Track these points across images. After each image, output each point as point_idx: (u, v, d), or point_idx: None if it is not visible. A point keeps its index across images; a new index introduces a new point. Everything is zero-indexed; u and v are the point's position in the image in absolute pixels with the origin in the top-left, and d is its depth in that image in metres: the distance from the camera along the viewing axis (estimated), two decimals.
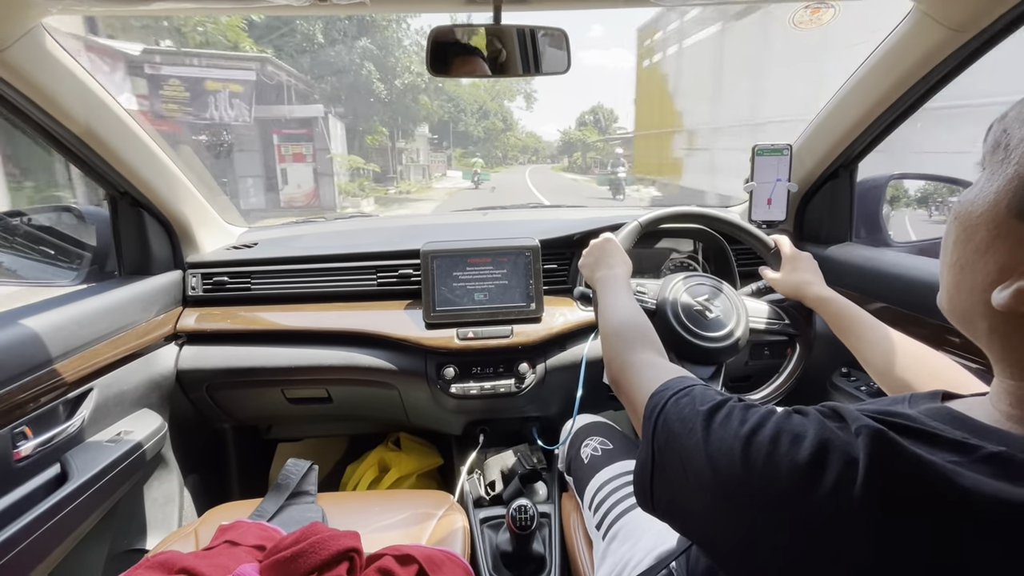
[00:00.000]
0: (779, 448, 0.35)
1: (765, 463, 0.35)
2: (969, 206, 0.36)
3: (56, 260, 1.14)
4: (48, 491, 0.81)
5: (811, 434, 0.35)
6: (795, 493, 0.33)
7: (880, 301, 1.04)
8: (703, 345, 0.86)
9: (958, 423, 0.35)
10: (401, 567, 0.70)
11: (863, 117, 1.05)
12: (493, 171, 30.94)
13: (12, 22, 0.72)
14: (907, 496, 0.31)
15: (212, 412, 1.21)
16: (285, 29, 12.55)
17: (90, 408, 0.92)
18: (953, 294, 0.39)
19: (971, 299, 0.37)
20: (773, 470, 0.35)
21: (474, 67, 0.84)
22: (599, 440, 0.95)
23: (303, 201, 11.70)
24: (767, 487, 0.35)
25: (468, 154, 36.93)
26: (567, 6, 0.86)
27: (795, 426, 0.36)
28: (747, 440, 0.37)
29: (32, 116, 0.85)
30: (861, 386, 1.08)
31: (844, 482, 0.32)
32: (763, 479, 0.35)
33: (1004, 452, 0.31)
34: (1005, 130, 0.35)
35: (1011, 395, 0.36)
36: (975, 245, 0.36)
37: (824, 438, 0.34)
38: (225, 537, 0.77)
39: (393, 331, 1.11)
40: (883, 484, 0.31)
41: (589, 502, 0.86)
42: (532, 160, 57.72)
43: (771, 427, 0.37)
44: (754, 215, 1.23)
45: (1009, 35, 0.80)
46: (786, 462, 0.34)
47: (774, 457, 0.35)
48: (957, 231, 0.37)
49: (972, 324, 0.38)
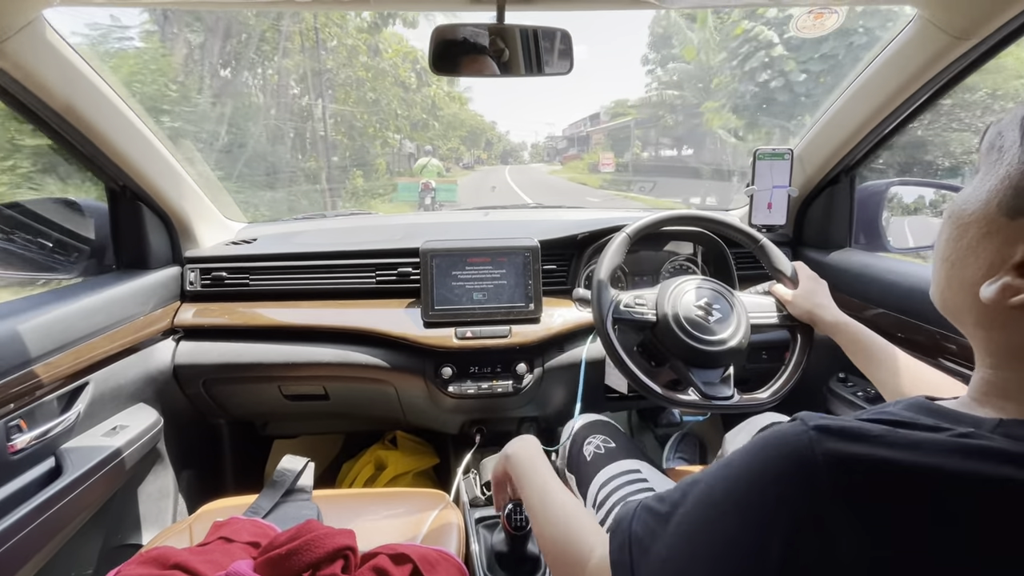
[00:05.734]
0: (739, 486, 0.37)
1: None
2: (963, 205, 0.38)
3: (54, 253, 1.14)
4: (42, 485, 0.81)
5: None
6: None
7: (879, 307, 1.04)
8: (708, 350, 0.85)
9: (931, 412, 0.37)
10: (396, 566, 0.70)
11: (864, 123, 1.05)
12: (462, 174, 20.74)
13: (13, 13, 0.72)
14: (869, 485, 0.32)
15: (208, 408, 1.21)
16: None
17: (86, 402, 0.91)
18: (944, 288, 0.41)
19: (960, 293, 0.39)
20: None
21: (477, 66, 0.84)
22: (601, 438, 0.95)
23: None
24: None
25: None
26: (571, 7, 0.86)
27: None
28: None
29: (32, 108, 0.85)
30: (858, 391, 1.08)
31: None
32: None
33: (973, 432, 0.33)
34: (1000, 132, 0.37)
35: (987, 383, 0.39)
36: (966, 242, 0.38)
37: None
38: (220, 533, 0.77)
39: (391, 329, 1.11)
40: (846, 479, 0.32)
41: (593, 499, 0.86)
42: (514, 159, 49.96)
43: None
44: (754, 219, 1.23)
45: (1011, 44, 0.80)
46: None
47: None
48: (950, 229, 0.40)
49: (960, 317, 0.41)
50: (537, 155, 56.51)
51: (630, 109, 26.00)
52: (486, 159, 44.01)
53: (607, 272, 0.90)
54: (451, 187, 9.48)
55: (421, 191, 8.56)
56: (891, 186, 1.35)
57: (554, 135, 54.55)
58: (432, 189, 8.56)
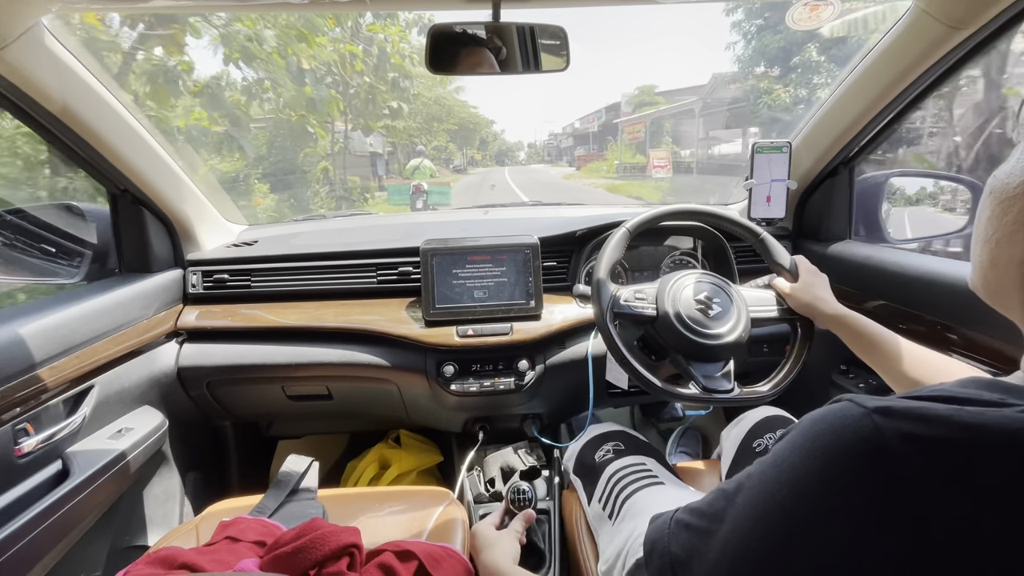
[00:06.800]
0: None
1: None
2: (1005, 179, 0.37)
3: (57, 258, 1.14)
4: (49, 487, 0.82)
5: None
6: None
7: (879, 298, 1.04)
8: (709, 344, 0.86)
9: (992, 386, 0.34)
10: (401, 563, 0.70)
11: (862, 114, 1.05)
12: (452, 179, 18.13)
13: (12, 19, 0.72)
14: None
15: (212, 409, 1.22)
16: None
17: (91, 405, 0.92)
18: (988, 270, 0.39)
19: (1007, 272, 0.37)
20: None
21: (474, 64, 0.84)
22: (612, 444, 0.97)
23: None
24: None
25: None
26: (566, 4, 0.86)
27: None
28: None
29: (32, 114, 0.85)
30: (860, 383, 1.08)
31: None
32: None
33: None
34: None
35: None
36: (1012, 217, 0.36)
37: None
38: (226, 533, 0.77)
39: (393, 329, 1.11)
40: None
41: (601, 493, 0.87)
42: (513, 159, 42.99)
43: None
44: (753, 212, 1.23)
45: (1006, 33, 0.80)
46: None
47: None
48: (992, 206, 0.38)
49: (1007, 298, 0.39)
50: (536, 155, 54.34)
51: (657, 97, 21.95)
52: (480, 160, 38.20)
53: (607, 268, 0.90)
54: (444, 189, 8.88)
55: (412, 194, 8.00)
56: (890, 177, 1.35)
57: (555, 132, 51.02)
58: (424, 192, 7.99)
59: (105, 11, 4.07)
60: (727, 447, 0.98)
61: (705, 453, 1.55)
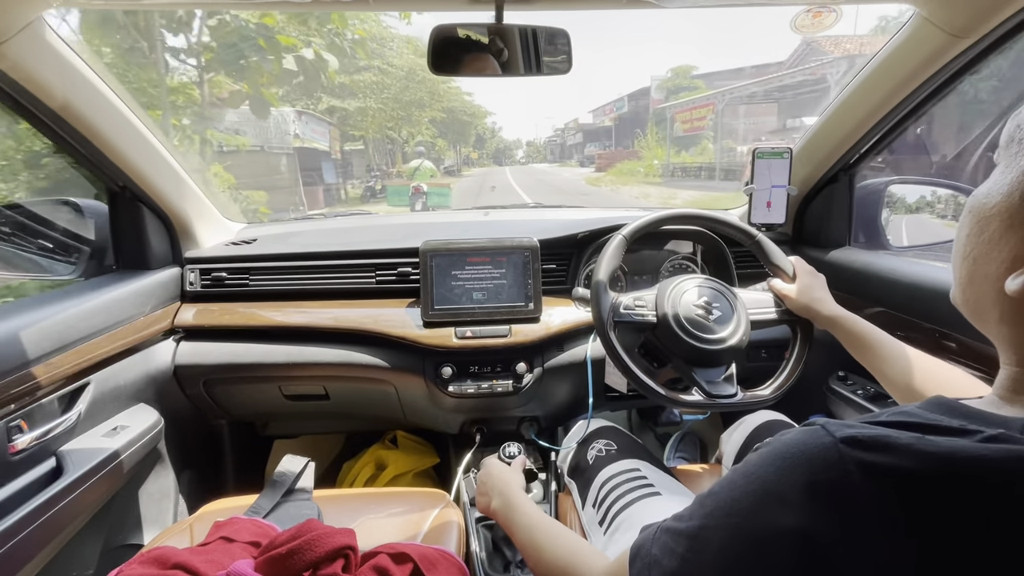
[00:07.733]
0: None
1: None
2: (983, 199, 0.38)
3: (54, 254, 1.14)
4: (43, 485, 0.81)
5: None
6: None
7: (878, 305, 1.04)
8: (710, 348, 0.85)
9: (954, 412, 0.36)
10: (396, 565, 0.70)
11: (863, 121, 1.05)
12: (455, 177, 16.33)
13: (12, 15, 0.72)
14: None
15: (209, 408, 1.21)
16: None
17: (86, 402, 0.91)
18: (966, 286, 0.41)
19: (984, 289, 0.38)
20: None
21: (476, 66, 0.84)
22: (604, 442, 0.96)
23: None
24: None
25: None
26: (569, 6, 0.86)
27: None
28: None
29: (31, 109, 0.85)
30: (858, 390, 1.08)
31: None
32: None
33: (1003, 434, 0.31)
34: (1019, 125, 0.37)
35: (1014, 380, 0.38)
36: (988, 236, 0.37)
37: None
38: (220, 533, 0.77)
39: (391, 329, 1.11)
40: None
41: (594, 499, 0.87)
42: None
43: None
44: (753, 218, 1.23)
45: (1009, 42, 0.80)
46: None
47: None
48: (971, 224, 0.39)
49: (984, 314, 0.40)
50: (537, 154, 52.38)
51: (696, 81, 19.27)
52: (476, 159, 33.97)
53: (605, 274, 0.90)
54: (444, 191, 8.42)
55: (412, 195, 7.80)
56: (890, 185, 1.35)
57: (559, 128, 47.47)
58: (423, 193, 7.79)
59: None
60: (728, 451, 0.98)
61: (703, 458, 1.55)
